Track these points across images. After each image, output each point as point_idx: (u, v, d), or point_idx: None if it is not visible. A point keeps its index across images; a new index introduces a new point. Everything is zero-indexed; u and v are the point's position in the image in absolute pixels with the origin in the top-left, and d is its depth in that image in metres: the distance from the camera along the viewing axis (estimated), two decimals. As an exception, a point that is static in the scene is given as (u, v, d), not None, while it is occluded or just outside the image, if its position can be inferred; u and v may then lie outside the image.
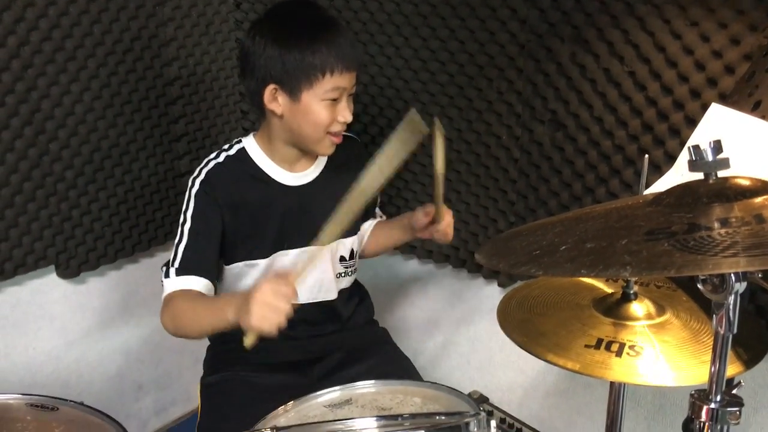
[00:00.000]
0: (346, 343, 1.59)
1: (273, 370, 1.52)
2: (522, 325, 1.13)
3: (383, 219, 1.73)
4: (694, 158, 0.87)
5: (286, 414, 1.16)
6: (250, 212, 1.46)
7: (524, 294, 1.22)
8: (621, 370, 0.99)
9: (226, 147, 1.49)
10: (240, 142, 1.49)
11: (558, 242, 0.89)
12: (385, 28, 1.77)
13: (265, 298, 1.16)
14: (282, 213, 1.48)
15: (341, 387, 1.22)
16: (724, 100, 1.23)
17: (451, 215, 1.50)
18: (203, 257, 1.42)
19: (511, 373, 1.94)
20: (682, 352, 1.02)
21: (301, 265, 1.26)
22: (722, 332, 0.85)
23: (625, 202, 0.99)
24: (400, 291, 2.14)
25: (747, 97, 1.14)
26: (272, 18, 1.42)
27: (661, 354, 1.01)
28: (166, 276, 1.39)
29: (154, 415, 2.19)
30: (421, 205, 1.54)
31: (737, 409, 0.87)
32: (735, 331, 0.84)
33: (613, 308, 1.11)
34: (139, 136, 1.84)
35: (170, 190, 1.95)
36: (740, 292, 0.82)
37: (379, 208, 1.73)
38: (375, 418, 1.05)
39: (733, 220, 0.79)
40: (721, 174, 0.87)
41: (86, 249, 1.81)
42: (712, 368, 0.87)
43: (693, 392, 0.90)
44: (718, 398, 0.88)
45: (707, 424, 0.88)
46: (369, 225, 1.68)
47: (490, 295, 1.88)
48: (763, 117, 1.07)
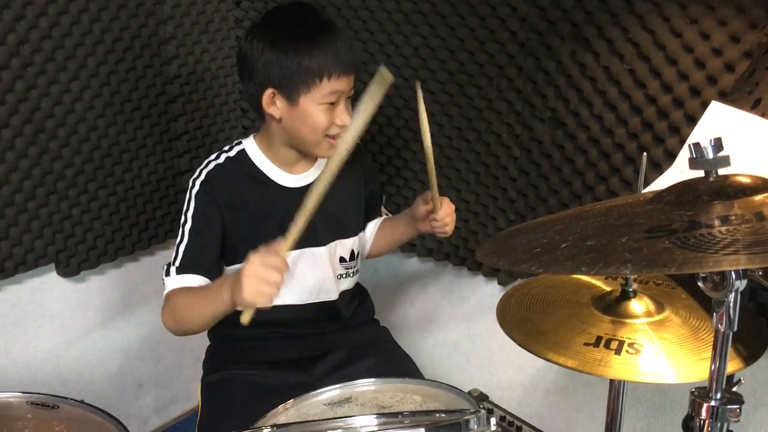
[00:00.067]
0: (346, 342, 1.59)
1: (273, 368, 1.52)
2: (522, 323, 1.13)
3: (389, 216, 1.72)
4: (694, 156, 0.87)
5: (286, 412, 1.16)
6: (249, 213, 1.46)
7: (524, 292, 1.22)
8: (620, 367, 0.99)
9: (226, 148, 1.49)
10: (240, 143, 1.49)
11: (558, 240, 0.89)
12: (384, 26, 1.77)
13: (255, 272, 1.16)
14: (282, 214, 1.46)
15: (341, 385, 1.22)
16: (724, 97, 1.23)
17: (450, 205, 1.49)
18: (203, 256, 1.42)
19: (511, 371, 1.94)
20: (681, 349, 1.02)
21: (291, 234, 1.21)
22: (723, 330, 0.85)
23: (626, 200, 0.99)
24: (401, 289, 2.14)
25: (747, 95, 1.14)
26: (270, 22, 1.41)
27: (660, 351, 1.01)
28: (167, 275, 1.39)
29: (154, 413, 2.19)
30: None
31: (737, 406, 0.87)
32: (735, 329, 0.84)
33: (613, 306, 1.11)
34: (139, 135, 1.84)
35: (170, 188, 1.95)
36: (740, 289, 0.82)
37: (384, 207, 1.72)
38: (375, 415, 1.06)
39: (733, 217, 0.79)
40: (721, 172, 0.87)
41: (86, 247, 1.81)
42: (713, 366, 0.87)
43: (693, 389, 0.90)
44: (719, 396, 0.88)
45: (707, 421, 0.88)
46: (375, 224, 1.67)
47: (490, 293, 1.88)
48: (763, 115, 1.07)
